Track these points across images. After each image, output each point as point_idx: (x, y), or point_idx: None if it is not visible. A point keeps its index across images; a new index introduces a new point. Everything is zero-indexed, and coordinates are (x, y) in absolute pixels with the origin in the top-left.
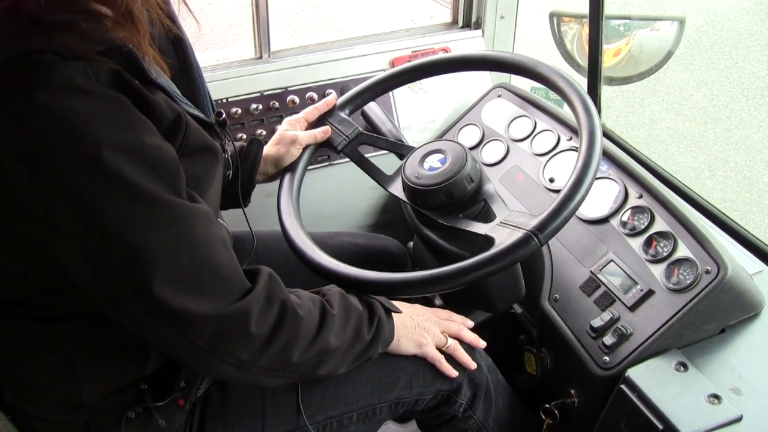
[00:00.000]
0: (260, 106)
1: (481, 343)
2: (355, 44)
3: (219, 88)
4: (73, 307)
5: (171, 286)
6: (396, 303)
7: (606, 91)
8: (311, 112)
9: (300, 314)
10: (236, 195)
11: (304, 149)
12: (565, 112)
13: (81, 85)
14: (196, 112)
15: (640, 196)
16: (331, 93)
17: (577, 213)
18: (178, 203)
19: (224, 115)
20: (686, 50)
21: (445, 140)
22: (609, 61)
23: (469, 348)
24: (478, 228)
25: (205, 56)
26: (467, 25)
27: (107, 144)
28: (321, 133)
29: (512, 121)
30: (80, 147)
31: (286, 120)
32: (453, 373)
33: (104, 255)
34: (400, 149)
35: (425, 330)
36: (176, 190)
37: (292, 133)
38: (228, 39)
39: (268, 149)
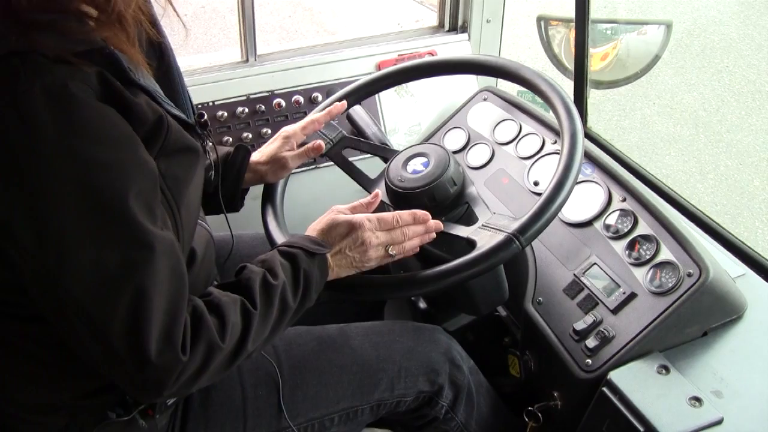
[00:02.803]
0: (246, 110)
1: (432, 230)
2: (341, 47)
3: (205, 91)
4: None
5: (109, 312)
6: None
7: (596, 95)
8: (309, 126)
9: (222, 347)
10: (226, 200)
11: None
12: (551, 115)
13: (74, 93)
14: (178, 113)
15: (624, 200)
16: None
17: (560, 216)
18: (146, 228)
19: (205, 117)
20: (677, 54)
21: (429, 144)
22: (596, 64)
23: (450, 359)
24: (461, 231)
25: (196, 59)
26: (453, 28)
27: (87, 159)
28: (313, 151)
29: (498, 124)
30: (60, 160)
31: (283, 134)
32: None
33: (55, 272)
34: (384, 153)
35: (364, 258)
36: (151, 215)
37: (284, 155)
38: (221, 42)
39: (258, 163)
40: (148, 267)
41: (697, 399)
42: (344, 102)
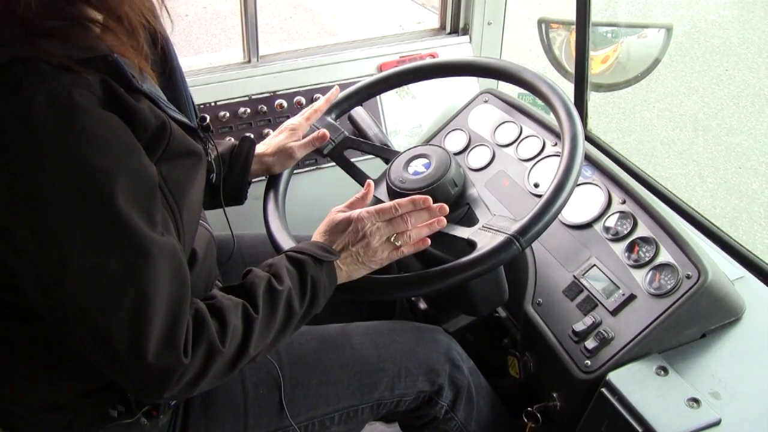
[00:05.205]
0: (248, 110)
1: (438, 213)
2: (343, 49)
3: (207, 91)
4: None
5: (110, 316)
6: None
7: (597, 98)
8: (313, 116)
9: (223, 350)
10: (231, 193)
11: None
12: (551, 117)
13: (77, 101)
14: (180, 117)
15: (624, 202)
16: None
17: (560, 218)
18: (146, 234)
19: (208, 120)
20: (677, 58)
21: (430, 145)
22: (597, 67)
23: (450, 359)
24: (461, 232)
25: (198, 60)
26: (455, 31)
27: (90, 167)
28: (318, 140)
29: (498, 126)
30: (62, 167)
31: (289, 126)
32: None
33: (57, 277)
34: (386, 154)
35: (369, 252)
36: (150, 221)
37: (291, 145)
38: (221, 43)
39: (264, 155)
40: (148, 272)
41: (696, 400)
42: (337, 87)
